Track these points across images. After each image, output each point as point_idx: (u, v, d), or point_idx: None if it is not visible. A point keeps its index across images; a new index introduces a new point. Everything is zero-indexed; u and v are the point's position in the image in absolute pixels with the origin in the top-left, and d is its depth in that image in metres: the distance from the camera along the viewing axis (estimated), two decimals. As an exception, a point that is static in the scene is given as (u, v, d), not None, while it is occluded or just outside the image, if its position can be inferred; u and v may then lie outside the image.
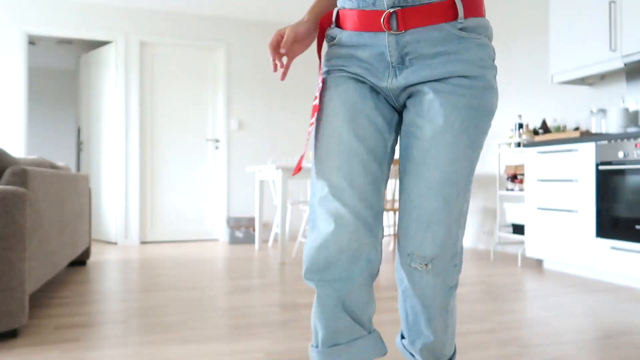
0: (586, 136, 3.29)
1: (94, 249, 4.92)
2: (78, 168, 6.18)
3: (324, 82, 1.14)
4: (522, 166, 4.12)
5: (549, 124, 4.29)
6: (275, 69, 1.12)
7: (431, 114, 1.05)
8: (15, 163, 2.18)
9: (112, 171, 5.39)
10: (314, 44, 5.92)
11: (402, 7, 1.03)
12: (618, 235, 3.09)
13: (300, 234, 4.31)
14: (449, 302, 1.12)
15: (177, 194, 5.52)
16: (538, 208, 3.67)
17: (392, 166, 4.38)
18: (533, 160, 3.73)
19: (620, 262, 3.07)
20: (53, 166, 3.01)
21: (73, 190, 3.10)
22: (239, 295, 2.82)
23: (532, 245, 3.74)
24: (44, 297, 2.79)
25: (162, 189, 5.47)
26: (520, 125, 4.15)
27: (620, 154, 3.07)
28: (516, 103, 4.63)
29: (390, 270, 3.64)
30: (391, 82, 1.08)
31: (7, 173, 2.05)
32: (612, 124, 3.51)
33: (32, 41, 6.57)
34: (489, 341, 2.00)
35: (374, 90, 1.11)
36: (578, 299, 2.76)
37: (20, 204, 1.96)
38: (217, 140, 5.65)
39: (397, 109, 1.15)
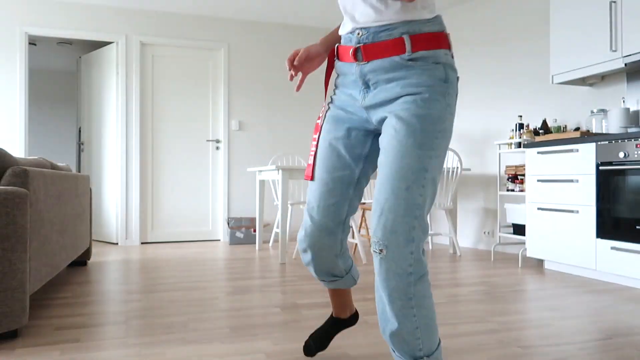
0: (587, 136, 3.29)
1: (95, 249, 4.92)
2: (79, 168, 6.18)
3: (326, 110, 1.52)
4: (522, 166, 4.12)
5: (550, 124, 4.28)
6: (291, 79, 1.47)
7: (386, 129, 1.32)
8: (16, 163, 2.18)
9: (112, 172, 5.39)
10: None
11: (364, 43, 1.34)
12: (619, 235, 3.09)
13: (300, 235, 4.31)
14: (409, 288, 1.24)
15: (177, 195, 5.52)
16: (538, 208, 3.67)
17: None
18: (533, 160, 3.73)
19: (621, 263, 3.07)
20: (54, 167, 3.02)
21: (74, 191, 3.10)
22: (240, 296, 2.82)
23: (532, 245, 3.73)
24: (44, 297, 2.79)
25: (162, 190, 5.47)
26: (521, 126, 4.15)
27: (621, 154, 3.07)
28: (517, 103, 4.63)
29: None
30: (362, 103, 1.39)
31: (8, 174, 2.05)
32: (613, 124, 3.51)
33: (33, 42, 6.57)
34: (490, 342, 2.00)
35: (349, 129, 1.45)
36: (579, 299, 2.76)
37: (21, 204, 1.96)
38: (217, 141, 5.65)
39: (373, 132, 1.46)
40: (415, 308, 1.24)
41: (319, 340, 1.78)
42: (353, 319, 1.81)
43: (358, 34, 1.35)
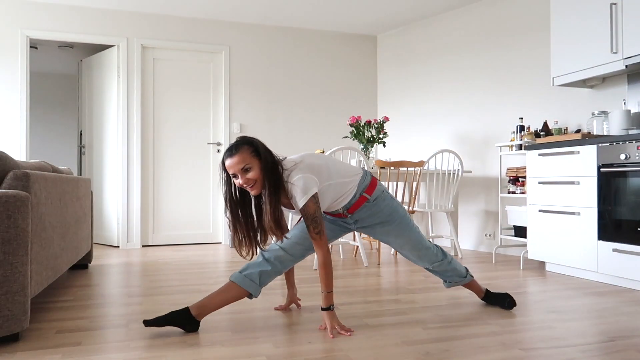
0: (588, 138, 3.29)
1: (96, 252, 4.92)
2: (80, 172, 6.19)
3: None
4: (523, 168, 4.12)
5: (551, 126, 4.28)
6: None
7: (382, 231, 2.42)
8: (17, 167, 2.18)
9: (114, 174, 5.39)
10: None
11: (347, 208, 2.35)
12: (620, 237, 3.08)
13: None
14: (445, 266, 2.52)
15: (178, 197, 5.53)
16: (540, 210, 3.67)
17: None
18: (535, 162, 3.72)
19: (623, 265, 3.07)
20: (55, 170, 3.02)
21: (75, 194, 3.10)
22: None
23: (534, 247, 3.73)
24: (45, 301, 2.79)
25: (163, 192, 5.48)
26: (522, 128, 4.15)
27: (622, 156, 3.07)
28: (517, 105, 4.63)
29: (392, 273, 3.64)
30: (353, 226, 2.45)
31: (9, 177, 2.06)
32: (614, 126, 3.51)
33: (34, 45, 6.58)
34: (492, 344, 1.99)
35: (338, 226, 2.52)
36: (580, 301, 2.75)
37: (22, 207, 1.97)
38: (218, 144, 5.65)
39: (347, 229, 2.51)
40: (453, 263, 2.54)
41: (161, 319, 2.11)
42: (195, 324, 2.17)
43: (341, 208, 2.36)
